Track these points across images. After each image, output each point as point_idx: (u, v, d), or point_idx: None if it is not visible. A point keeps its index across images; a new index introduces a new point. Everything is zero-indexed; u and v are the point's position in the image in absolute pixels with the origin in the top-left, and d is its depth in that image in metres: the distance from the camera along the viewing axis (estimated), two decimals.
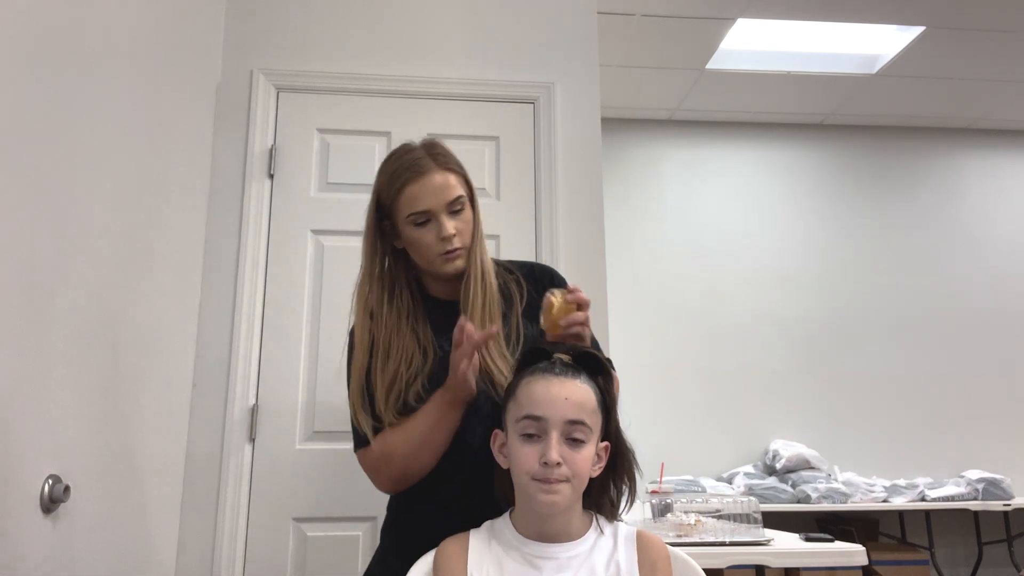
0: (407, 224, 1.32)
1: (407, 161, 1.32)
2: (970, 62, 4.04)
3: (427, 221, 1.30)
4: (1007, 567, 4.09)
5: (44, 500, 1.35)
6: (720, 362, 4.36)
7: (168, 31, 1.98)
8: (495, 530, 1.13)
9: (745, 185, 4.66)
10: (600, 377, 1.14)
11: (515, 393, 1.11)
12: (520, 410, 1.08)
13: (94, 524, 1.58)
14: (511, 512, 1.14)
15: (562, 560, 1.07)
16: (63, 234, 1.44)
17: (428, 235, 1.31)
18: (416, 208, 1.30)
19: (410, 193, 1.30)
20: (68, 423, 1.46)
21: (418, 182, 1.30)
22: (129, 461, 1.76)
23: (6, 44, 1.24)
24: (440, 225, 1.30)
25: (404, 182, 1.31)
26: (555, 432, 1.05)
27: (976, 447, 4.37)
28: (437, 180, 1.31)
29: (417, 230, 1.31)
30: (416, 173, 1.31)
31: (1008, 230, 4.75)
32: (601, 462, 1.11)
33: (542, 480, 1.04)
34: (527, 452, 1.06)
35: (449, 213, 1.31)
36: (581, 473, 1.06)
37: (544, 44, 2.60)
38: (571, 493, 1.06)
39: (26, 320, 1.31)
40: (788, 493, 3.85)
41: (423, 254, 1.33)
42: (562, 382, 1.08)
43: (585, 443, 1.07)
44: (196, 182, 2.24)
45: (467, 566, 1.08)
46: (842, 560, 2.09)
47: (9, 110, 1.26)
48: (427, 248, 1.31)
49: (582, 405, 1.07)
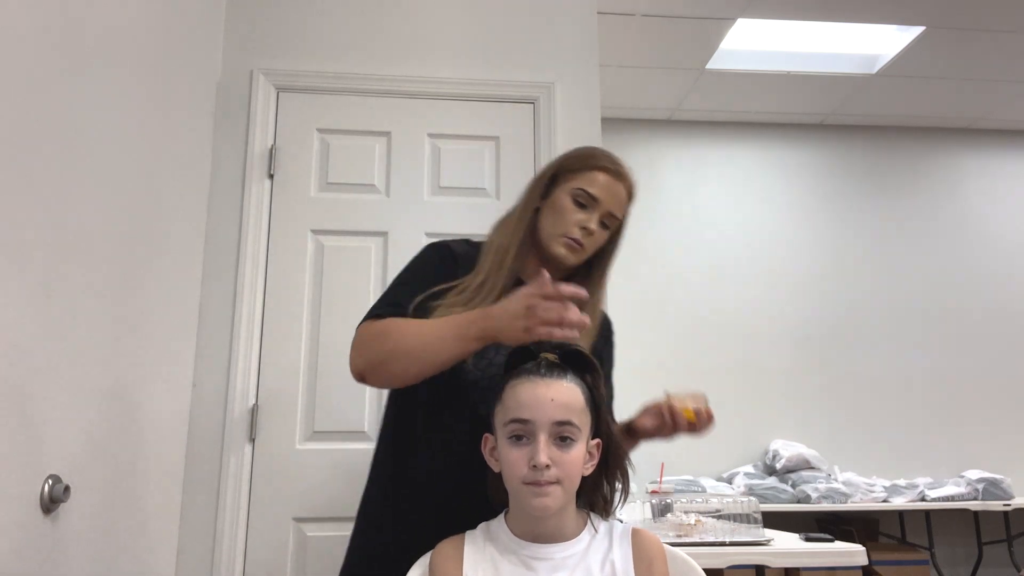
0: (567, 192, 1.34)
1: (612, 159, 1.38)
2: (970, 62, 4.04)
3: (585, 206, 1.33)
4: (1007, 567, 4.09)
5: (44, 500, 1.35)
6: (720, 362, 4.36)
7: (168, 31, 1.98)
8: (490, 532, 1.13)
9: (745, 185, 4.66)
10: (588, 375, 1.13)
11: (502, 396, 1.10)
12: (507, 413, 1.08)
13: (94, 524, 1.58)
14: (505, 513, 1.14)
15: (557, 560, 1.07)
16: (62, 234, 1.44)
17: (576, 214, 1.33)
18: (590, 189, 1.33)
19: (597, 178, 1.34)
20: (68, 423, 1.46)
21: (610, 179, 1.35)
22: (129, 461, 1.76)
23: (5, 44, 1.24)
24: (591, 217, 1.33)
25: (600, 167, 1.35)
26: (543, 434, 1.04)
27: (976, 447, 4.37)
28: (621, 191, 1.36)
29: (571, 203, 1.33)
30: (615, 172, 1.36)
31: (1008, 230, 4.75)
32: (593, 460, 1.11)
33: (532, 484, 1.04)
34: (516, 455, 1.05)
35: (603, 218, 1.35)
36: (572, 473, 1.06)
37: (544, 44, 2.60)
38: (563, 494, 1.06)
39: (25, 320, 1.31)
40: (788, 493, 3.85)
41: (556, 223, 1.34)
42: (548, 383, 1.07)
43: (575, 442, 1.06)
44: (196, 182, 2.24)
45: (463, 568, 1.08)
46: (842, 560, 2.09)
47: (9, 110, 1.26)
48: (564, 221, 1.33)
49: (569, 405, 1.07)
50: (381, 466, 1.35)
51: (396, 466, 1.31)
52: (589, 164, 1.36)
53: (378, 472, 1.35)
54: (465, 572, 1.08)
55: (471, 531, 1.14)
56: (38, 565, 1.35)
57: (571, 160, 1.38)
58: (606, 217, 1.35)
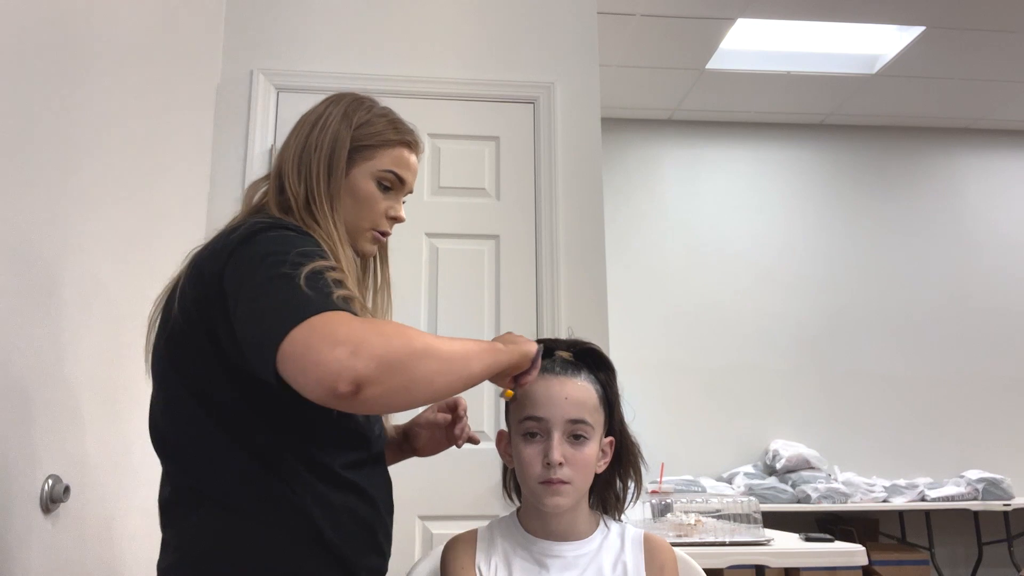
0: (369, 175, 1.16)
1: (413, 131, 1.23)
2: (970, 62, 4.04)
3: (390, 189, 1.19)
4: (1007, 567, 4.09)
5: (44, 500, 1.35)
6: (720, 362, 4.36)
7: (168, 31, 1.98)
8: (501, 527, 1.14)
9: (745, 185, 4.66)
10: (602, 372, 1.14)
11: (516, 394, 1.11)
12: (521, 410, 1.08)
13: (94, 524, 1.58)
14: (518, 510, 1.15)
15: (569, 559, 1.08)
16: (62, 234, 1.44)
17: (382, 202, 1.18)
18: (399, 171, 1.18)
19: (404, 157, 1.19)
20: (68, 423, 1.46)
21: (414, 153, 1.22)
22: (129, 461, 1.76)
23: (5, 44, 1.24)
24: (398, 200, 1.21)
25: (405, 142, 1.20)
26: (557, 432, 1.05)
27: (976, 447, 4.37)
28: (416, 165, 1.23)
29: (375, 188, 1.17)
30: (418, 144, 1.23)
31: (1008, 230, 4.75)
32: (606, 457, 1.12)
33: (546, 482, 1.04)
34: (530, 453, 1.06)
35: (404, 197, 1.23)
36: (585, 471, 1.07)
37: (544, 44, 2.60)
38: (575, 492, 1.07)
39: (25, 320, 1.31)
40: (788, 493, 3.85)
41: (360, 214, 1.16)
42: (562, 381, 1.08)
43: (588, 440, 1.07)
44: (196, 182, 2.24)
45: (475, 562, 1.09)
46: (842, 560, 2.09)
47: (9, 110, 1.26)
48: (371, 212, 1.17)
49: (583, 403, 1.08)
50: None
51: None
52: (392, 139, 1.18)
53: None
54: (478, 563, 1.09)
55: (482, 527, 1.15)
56: (38, 565, 1.35)
57: (368, 134, 1.17)
58: (407, 195, 1.22)
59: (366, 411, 0.86)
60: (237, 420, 1.00)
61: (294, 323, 0.84)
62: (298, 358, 0.82)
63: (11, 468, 1.27)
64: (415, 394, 0.87)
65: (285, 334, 0.83)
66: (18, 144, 1.28)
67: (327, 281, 0.92)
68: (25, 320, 1.31)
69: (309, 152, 1.13)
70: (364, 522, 1.06)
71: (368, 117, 1.18)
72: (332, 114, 1.17)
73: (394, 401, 0.85)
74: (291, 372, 0.83)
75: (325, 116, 1.16)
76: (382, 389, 0.83)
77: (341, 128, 1.15)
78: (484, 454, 2.22)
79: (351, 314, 0.88)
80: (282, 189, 1.13)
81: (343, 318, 0.85)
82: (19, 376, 1.29)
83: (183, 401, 1.02)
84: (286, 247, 0.95)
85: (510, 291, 2.40)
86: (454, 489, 2.22)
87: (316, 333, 0.83)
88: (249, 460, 0.99)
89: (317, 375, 0.80)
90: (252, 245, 0.97)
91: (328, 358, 0.80)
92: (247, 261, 0.95)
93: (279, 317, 0.85)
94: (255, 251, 0.96)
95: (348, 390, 0.80)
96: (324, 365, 0.80)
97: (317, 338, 0.82)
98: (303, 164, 1.13)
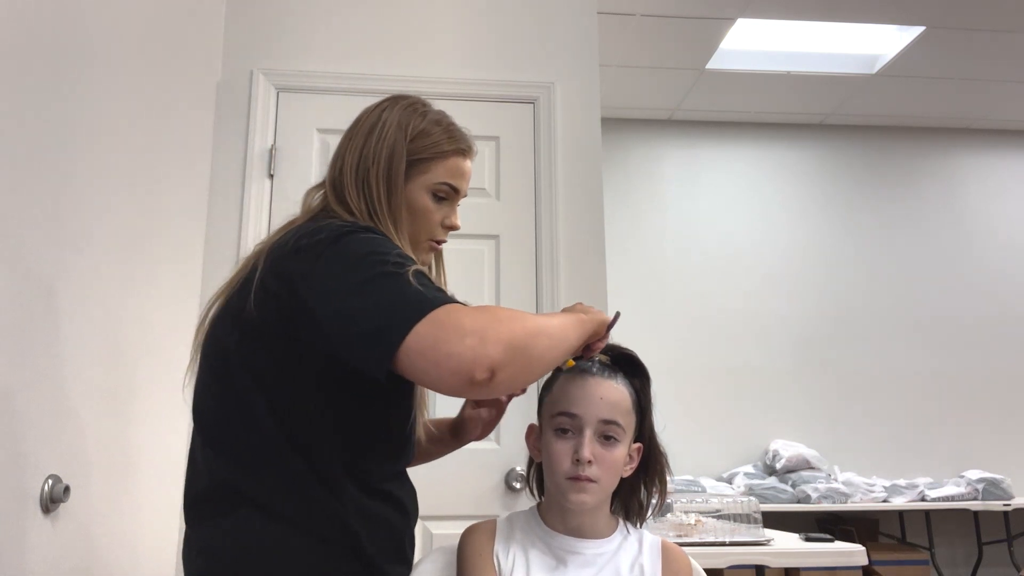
0: (425, 188, 1.15)
1: (467, 137, 1.21)
2: (970, 62, 4.04)
3: (445, 199, 1.18)
4: (1007, 567, 4.09)
5: (44, 500, 1.35)
6: (720, 362, 4.36)
7: (168, 31, 1.98)
8: (520, 520, 1.15)
9: (745, 185, 4.66)
10: (637, 379, 1.15)
11: (551, 388, 1.13)
12: (555, 406, 1.10)
13: (94, 524, 1.58)
14: (539, 505, 1.16)
15: (588, 556, 1.08)
16: (62, 234, 1.44)
17: (437, 212, 1.18)
18: (454, 182, 1.18)
19: (459, 166, 1.18)
20: (68, 423, 1.46)
21: (468, 161, 1.20)
22: (129, 461, 1.76)
23: (5, 44, 1.24)
24: (453, 208, 1.20)
25: (459, 151, 1.19)
26: (589, 430, 1.06)
27: (976, 447, 4.37)
28: (469, 170, 1.22)
29: (431, 201, 1.16)
30: (471, 151, 1.21)
31: (1008, 230, 4.76)
32: (633, 463, 1.12)
33: (573, 478, 1.06)
34: (560, 448, 1.07)
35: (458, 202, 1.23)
36: (612, 472, 1.08)
37: (544, 44, 2.60)
38: (601, 492, 1.08)
39: (25, 320, 1.31)
40: (788, 493, 3.85)
41: (417, 227, 1.16)
42: (598, 381, 1.10)
43: (618, 443, 1.08)
44: (196, 182, 2.24)
45: (493, 552, 1.09)
46: (842, 560, 2.10)
47: (9, 110, 1.26)
48: (427, 224, 1.17)
49: (617, 405, 1.09)
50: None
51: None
52: (447, 149, 1.17)
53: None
54: (496, 551, 1.09)
55: (501, 517, 1.16)
56: (38, 565, 1.35)
57: (423, 146, 1.16)
58: (462, 199, 1.22)
59: (495, 394, 0.90)
60: (297, 421, 1.00)
61: (417, 318, 0.87)
62: (427, 351, 0.85)
63: (11, 468, 1.27)
64: (536, 371, 0.92)
65: (408, 330, 0.86)
66: (18, 144, 1.28)
67: (431, 279, 0.96)
68: (25, 320, 1.31)
69: (367, 165, 1.13)
70: (396, 531, 1.08)
71: (423, 126, 1.17)
72: (387, 122, 1.15)
73: (520, 380, 0.90)
74: (420, 365, 0.86)
75: (381, 125, 1.15)
76: (512, 371, 0.87)
77: (397, 139, 1.14)
78: (485, 454, 2.22)
79: (464, 305, 0.91)
80: (342, 199, 1.12)
81: (463, 309, 0.89)
82: (19, 376, 1.29)
83: (245, 396, 1.02)
84: (386, 247, 0.98)
85: (510, 291, 2.40)
86: (454, 489, 2.22)
87: (444, 326, 0.86)
88: (301, 462, 0.99)
89: (451, 366, 0.85)
90: (346, 245, 0.97)
91: (460, 349, 0.84)
92: (343, 260, 0.96)
93: (399, 313, 0.88)
94: (351, 251, 0.96)
95: (485, 376, 0.85)
96: (458, 356, 0.84)
97: (447, 331, 0.86)
98: (360, 178, 1.12)
